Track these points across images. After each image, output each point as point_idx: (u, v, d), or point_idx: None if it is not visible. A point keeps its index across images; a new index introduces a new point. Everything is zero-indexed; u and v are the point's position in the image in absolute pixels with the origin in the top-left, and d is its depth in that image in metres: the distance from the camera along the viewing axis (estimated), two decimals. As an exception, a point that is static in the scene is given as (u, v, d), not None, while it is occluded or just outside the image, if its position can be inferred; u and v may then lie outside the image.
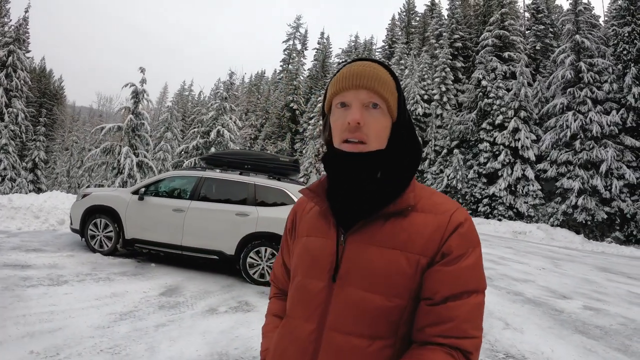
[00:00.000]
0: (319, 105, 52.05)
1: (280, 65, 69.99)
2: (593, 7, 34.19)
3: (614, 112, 28.76)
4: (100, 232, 7.96)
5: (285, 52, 69.47)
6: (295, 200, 7.44)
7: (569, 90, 30.38)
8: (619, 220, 27.96)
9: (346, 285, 1.12)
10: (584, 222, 28.14)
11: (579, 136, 29.24)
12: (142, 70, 20.59)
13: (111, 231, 7.93)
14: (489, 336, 5.61)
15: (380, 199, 1.14)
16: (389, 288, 1.08)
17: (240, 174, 7.93)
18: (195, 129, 30.68)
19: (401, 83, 42.83)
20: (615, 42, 30.55)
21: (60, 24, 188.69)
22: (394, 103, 1.18)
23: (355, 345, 1.07)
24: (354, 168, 1.15)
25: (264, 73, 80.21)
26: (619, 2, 31.44)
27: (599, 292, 9.40)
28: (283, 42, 69.48)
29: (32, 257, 7.08)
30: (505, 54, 36.41)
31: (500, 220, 30.58)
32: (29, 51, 39.40)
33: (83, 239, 8.14)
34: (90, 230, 8.00)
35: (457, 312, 1.04)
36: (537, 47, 39.39)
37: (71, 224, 8.35)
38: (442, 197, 1.20)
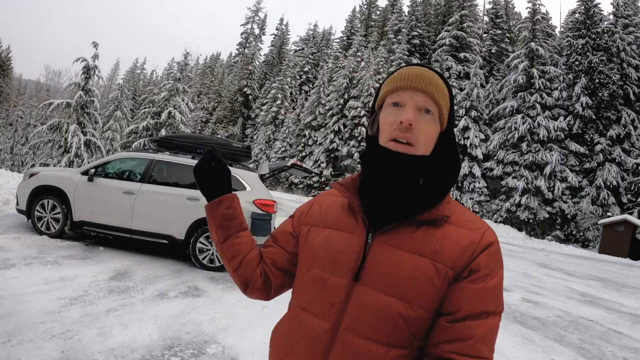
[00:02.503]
0: (273, 91, 51.82)
1: (237, 49, 69.39)
2: (551, 17, 35.46)
3: (561, 118, 30.01)
4: (48, 213, 7.71)
5: (243, 36, 68.82)
6: (246, 186, 7.52)
7: (520, 94, 31.49)
8: (559, 220, 29.25)
9: (369, 286, 1.09)
10: (526, 220, 29.30)
11: (526, 138, 30.36)
12: (95, 45, 19.78)
13: (59, 213, 7.69)
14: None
15: (418, 205, 1.13)
16: (414, 296, 1.06)
17: (193, 157, 7.86)
18: (146, 109, 29.99)
19: (356, 75, 43.26)
20: (569, 52, 31.86)
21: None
22: (446, 112, 1.17)
23: (371, 350, 1.05)
24: (398, 168, 1.13)
25: (219, 55, 79.11)
26: (576, 15, 32.73)
27: (537, 286, 9.89)
28: (241, 25, 68.88)
29: (-24, 239, 6.82)
30: (461, 55, 37.31)
31: (446, 215, 31.34)
32: (-27, 18, 37.34)
33: (29, 220, 7.85)
34: (37, 211, 7.73)
35: (475, 332, 1.03)
36: (493, 51, 40.54)
37: (17, 204, 8.04)
38: (473, 215, 1.19)
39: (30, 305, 4.41)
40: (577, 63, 30.88)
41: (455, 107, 33.66)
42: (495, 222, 30.09)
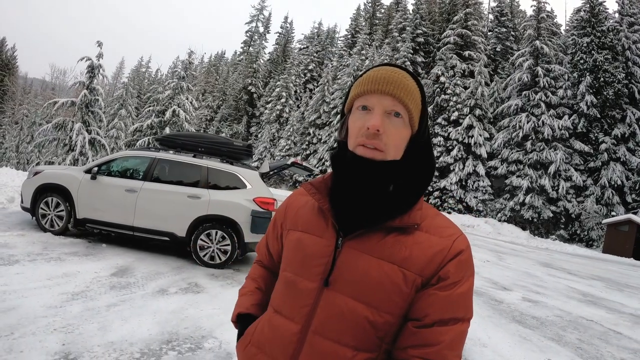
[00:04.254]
0: (277, 89, 51.87)
1: (241, 47, 69.42)
2: (556, 15, 35.42)
3: (566, 117, 29.93)
4: (52, 211, 7.80)
5: (247, 34, 68.90)
6: (247, 184, 7.60)
7: (524, 92, 31.42)
8: (564, 219, 29.16)
9: (338, 291, 1.09)
10: (530, 219, 29.21)
11: (530, 137, 30.28)
12: (100, 44, 19.94)
13: (62, 210, 7.78)
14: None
15: (389, 212, 1.11)
16: (381, 302, 1.06)
17: (194, 156, 7.95)
18: (151, 108, 30.06)
19: (360, 74, 44.22)
20: (574, 51, 31.80)
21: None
22: (417, 115, 1.14)
23: (339, 354, 1.07)
24: (366, 174, 1.11)
25: (224, 54, 79.41)
26: (581, 13, 32.63)
27: (538, 286, 9.86)
28: (246, 23, 69.01)
29: (-19, 237, 6.90)
30: (466, 53, 37.23)
31: (449, 213, 31.34)
32: (-21, 17, 37.57)
33: (34, 217, 7.97)
34: (42, 209, 7.83)
35: (442, 338, 1.03)
36: (498, 49, 40.51)
37: (22, 202, 8.13)
38: (446, 220, 1.18)
39: (33, 300, 4.50)
40: (582, 61, 30.78)
41: (459, 106, 33.66)
42: (499, 220, 30.02)
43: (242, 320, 1.34)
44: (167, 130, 25.18)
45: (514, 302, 7.78)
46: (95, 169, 7.86)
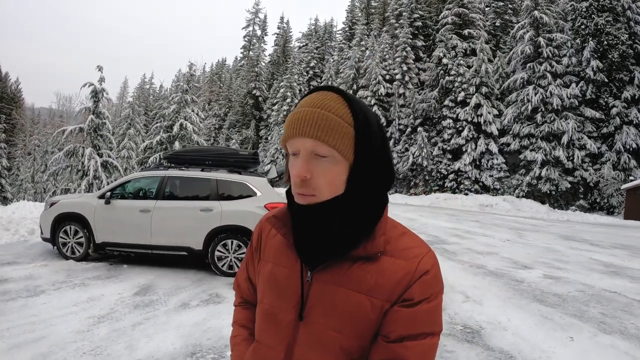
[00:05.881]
0: (282, 90, 52.03)
1: (241, 52, 69.67)
2: (552, -17, 34.93)
3: (573, 85, 29.57)
4: (71, 238, 8.03)
5: (246, 39, 69.13)
6: (256, 191, 7.74)
7: (528, 65, 31.13)
8: (582, 189, 28.90)
9: (312, 322, 1.12)
10: (548, 192, 28.99)
11: (539, 109, 30.01)
12: (100, 68, 20.31)
13: (81, 237, 8.00)
14: (448, 310, 5.89)
15: (347, 243, 1.11)
16: (353, 330, 1.09)
17: (202, 170, 8.11)
18: (158, 124, 30.37)
19: (362, 65, 42.93)
20: (574, 17, 31.37)
21: (11, 21, 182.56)
22: (348, 145, 1.07)
23: None
24: (309, 217, 1.12)
25: (225, 61, 79.72)
26: (578, -23, 32.06)
27: (560, 261, 9.71)
28: (243, 28, 69.43)
29: (8, 270, 7.13)
30: (465, 32, 36.98)
31: (466, 194, 31.23)
32: (-19, 55, 38.21)
33: (55, 247, 8.21)
34: (61, 237, 8.07)
35: (410, 353, 1.04)
36: (497, 24, 40.19)
37: (42, 233, 8.40)
38: (411, 240, 1.16)
39: (61, 327, 4.68)
40: (583, 27, 30.39)
41: (465, 85, 33.44)
42: (518, 197, 29.84)
43: None
44: (177, 144, 25.43)
45: (535, 281, 7.69)
46: (108, 193, 8.05)
